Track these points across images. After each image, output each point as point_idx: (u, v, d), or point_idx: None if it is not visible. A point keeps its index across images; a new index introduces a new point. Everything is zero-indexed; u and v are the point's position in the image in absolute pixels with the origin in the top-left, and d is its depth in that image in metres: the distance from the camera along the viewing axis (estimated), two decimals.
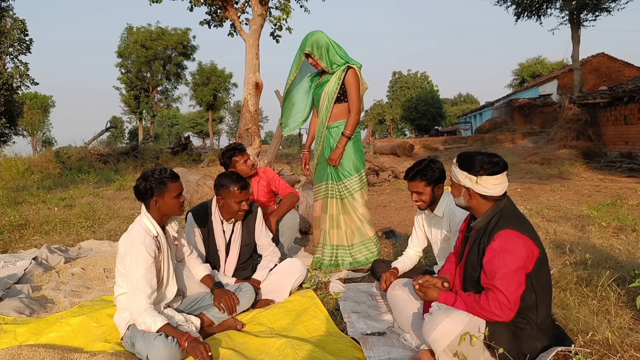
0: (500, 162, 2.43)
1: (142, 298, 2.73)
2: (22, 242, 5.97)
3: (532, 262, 2.29)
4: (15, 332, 3.09)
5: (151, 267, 2.79)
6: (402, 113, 50.39)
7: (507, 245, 2.26)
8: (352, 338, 2.94)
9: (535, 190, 9.87)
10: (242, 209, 3.56)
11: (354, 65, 4.30)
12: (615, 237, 5.16)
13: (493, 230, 2.37)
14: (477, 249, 2.45)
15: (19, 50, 24.62)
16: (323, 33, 4.36)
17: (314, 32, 4.36)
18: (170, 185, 2.91)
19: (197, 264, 3.38)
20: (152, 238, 2.85)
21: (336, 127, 4.40)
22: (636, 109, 13.91)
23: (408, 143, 22.44)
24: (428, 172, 3.24)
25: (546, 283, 2.40)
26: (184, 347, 2.60)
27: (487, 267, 2.31)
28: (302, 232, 6.32)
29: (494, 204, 2.46)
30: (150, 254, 2.79)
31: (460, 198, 2.54)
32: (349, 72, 4.27)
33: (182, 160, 19.54)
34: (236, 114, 66.54)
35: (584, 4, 22.71)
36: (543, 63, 50.25)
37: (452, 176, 2.58)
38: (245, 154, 4.49)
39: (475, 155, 2.47)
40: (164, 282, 3.01)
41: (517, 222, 2.36)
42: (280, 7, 11.56)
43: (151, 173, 2.93)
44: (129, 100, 41.33)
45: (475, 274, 2.43)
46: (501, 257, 2.25)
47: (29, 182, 13.28)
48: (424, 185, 3.27)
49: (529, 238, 2.30)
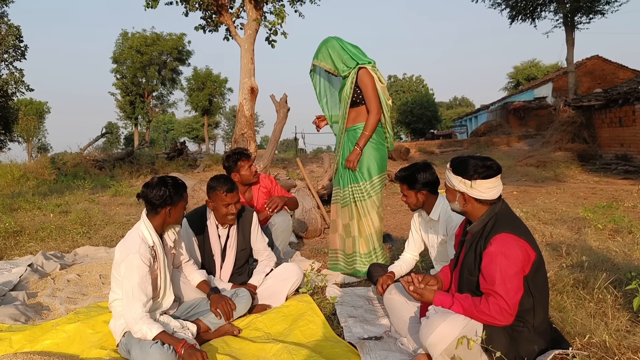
0: (494, 166, 2.43)
1: (137, 306, 2.70)
2: (18, 248, 5.94)
3: (529, 265, 2.29)
4: (11, 339, 3.07)
5: (146, 276, 2.77)
6: (397, 117, 50.43)
7: (504, 249, 2.26)
8: (349, 343, 2.93)
9: (531, 193, 9.88)
10: (229, 212, 3.52)
11: (365, 65, 4.24)
12: (612, 239, 5.16)
13: (489, 234, 2.37)
14: (473, 253, 2.45)
15: (14, 56, 24.58)
16: (331, 38, 4.37)
17: (322, 42, 4.39)
18: (185, 196, 2.93)
19: (193, 270, 3.36)
20: (147, 247, 2.81)
21: (354, 130, 4.37)
22: (631, 111, 13.97)
23: (404, 147, 22.44)
24: (410, 178, 3.37)
25: (543, 286, 2.40)
26: (180, 355, 2.57)
27: (485, 271, 2.30)
28: (298, 237, 6.32)
29: (490, 207, 2.46)
30: (145, 263, 2.76)
31: (455, 203, 2.54)
32: (360, 73, 4.23)
33: (178, 165, 19.48)
34: (232, 118, 66.52)
35: (578, 6, 22.84)
36: (538, 66, 50.46)
37: (446, 181, 2.58)
38: (251, 160, 4.45)
39: (469, 159, 2.48)
40: (161, 293, 2.99)
41: (513, 226, 2.37)
42: (275, 12, 11.58)
43: (171, 181, 2.89)
44: (125, 105, 41.25)
45: (473, 278, 2.43)
46: (499, 261, 2.25)
47: (25, 189, 13.21)
48: (406, 188, 3.41)
49: (526, 241, 2.30)
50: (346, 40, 4.40)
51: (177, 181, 2.92)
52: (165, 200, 2.83)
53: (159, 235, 2.94)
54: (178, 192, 2.88)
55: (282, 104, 10.21)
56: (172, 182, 2.89)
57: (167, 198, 2.83)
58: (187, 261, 3.35)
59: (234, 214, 3.56)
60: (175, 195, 2.86)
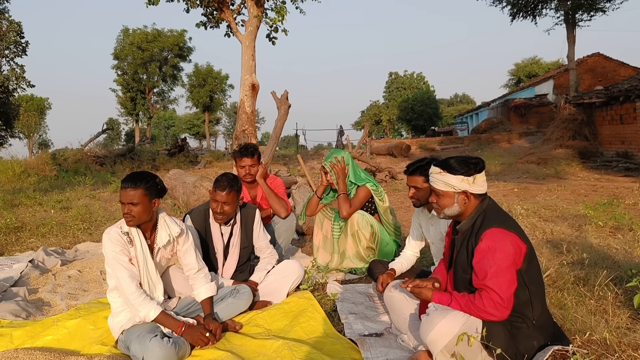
0: (480, 159, 2.49)
1: (126, 280, 2.80)
2: (19, 244, 5.95)
3: (520, 257, 2.30)
4: (12, 335, 3.08)
5: (120, 253, 2.86)
6: (398, 114, 50.38)
7: (495, 244, 2.27)
8: (350, 339, 2.93)
9: (531, 190, 9.87)
10: (213, 209, 3.55)
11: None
12: (612, 236, 5.16)
13: (479, 230, 2.38)
14: (465, 251, 2.46)
15: (15, 52, 24.57)
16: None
17: None
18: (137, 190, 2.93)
19: (201, 284, 3.21)
20: (120, 231, 2.91)
21: None
22: (632, 108, 13.95)
23: (405, 144, 22.42)
24: (428, 169, 3.24)
25: (537, 278, 2.40)
26: (180, 333, 2.72)
27: (477, 267, 2.32)
28: (299, 233, 6.32)
29: (479, 204, 2.47)
30: (114, 242, 2.86)
31: (454, 206, 2.49)
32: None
33: (178, 161, 19.47)
34: (233, 115, 66.47)
35: (579, 4, 22.80)
36: (539, 63, 50.41)
37: (440, 187, 2.51)
38: (243, 160, 4.42)
39: (453, 159, 2.50)
40: (145, 286, 2.96)
41: (501, 220, 2.38)
42: (276, 9, 11.56)
43: (154, 176, 2.98)
44: (126, 102, 41.18)
45: (467, 276, 2.44)
46: (490, 256, 2.26)
47: (25, 185, 13.23)
48: (423, 181, 3.30)
49: (515, 234, 2.31)
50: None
51: (135, 174, 2.90)
52: (163, 191, 2.99)
53: (147, 232, 3.00)
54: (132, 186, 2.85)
55: (283, 101, 10.20)
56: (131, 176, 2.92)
57: (155, 190, 2.93)
58: (197, 271, 3.23)
59: (217, 212, 3.54)
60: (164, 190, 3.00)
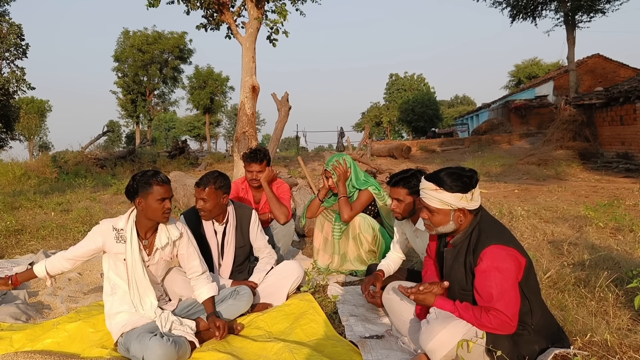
0: (473, 171, 2.42)
1: (78, 248, 2.98)
2: (19, 247, 5.94)
3: (521, 272, 2.29)
4: (12, 338, 3.07)
5: (89, 245, 2.94)
6: (399, 115, 50.35)
7: (497, 263, 2.23)
8: (351, 341, 2.93)
9: (532, 191, 9.86)
10: (197, 206, 3.60)
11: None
12: (613, 237, 5.15)
13: (476, 247, 2.33)
14: (462, 268, 2.40)
15: (15, 55, 24.66)
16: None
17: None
18: (155, 188, 2.88)
19: (203, 285, 3.21)
20: (112, 228, 2.93)
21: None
22: (632, 109, 13.94)
23: (405, 145, 22.39)
24: (412, 181, 3.21)
25: (535, 286, 2.40)
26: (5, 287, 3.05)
27: (480, 289, 2.28)
28: (299, 235, 6.31)
29: (474, 217, 2.44)
30: (98, 236, 2.93)
31: (449, 224, 2.43)
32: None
33: (179, 164, 19.48)
34: (233, 117, 66.43)
35: (579, 5, 22.79)
36: (539, 64, 50.37)
37: (434, 204, 2.42)
38: (251, 165, 4.38)
39: (444, 173, 2.41)
40: (132, 288, 2.94)
41: (498, 235, 2.33)
42: (276, 10, 11.55)
43: (141, 173, 2.96)
44: (126, 104, 41.18)
45: (467, 294, 2.40)
46: (493, 277, 2.22)
47: (26, 187, 13.24)
48: (406, 193, 3.25)
49: (514, 249, 2.29)
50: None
51: (151, 173, 2.92)
52: (133, 190, 2.91)
53: (142, 232, 3.01)
54: (146, 183, 2.88)
55: (284, 103, 10.20)
56: (144, 174, 2.94)
57: (135, 188, 2.90)
58: (200, 274, 3.23)
59: (199, 209, 3.59)
60: (143, 186, 2.89)
